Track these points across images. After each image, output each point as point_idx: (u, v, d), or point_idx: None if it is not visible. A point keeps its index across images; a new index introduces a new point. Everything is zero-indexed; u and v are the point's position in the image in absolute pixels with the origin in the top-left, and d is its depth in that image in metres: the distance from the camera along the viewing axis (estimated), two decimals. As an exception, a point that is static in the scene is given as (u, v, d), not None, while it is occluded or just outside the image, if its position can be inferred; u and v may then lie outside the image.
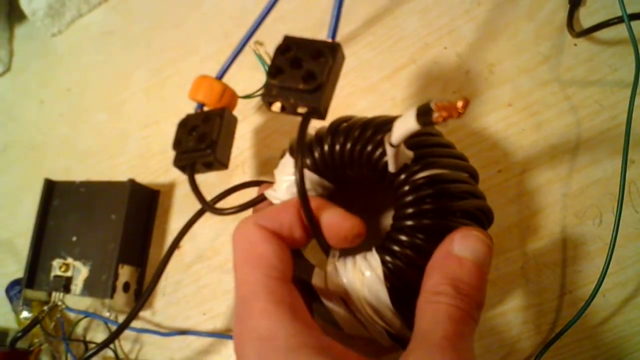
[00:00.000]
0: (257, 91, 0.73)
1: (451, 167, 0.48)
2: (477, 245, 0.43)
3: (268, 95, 0.46)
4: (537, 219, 0.57)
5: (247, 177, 0.72)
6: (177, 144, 0.58)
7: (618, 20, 0.55)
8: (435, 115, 0.34)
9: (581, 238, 0.55)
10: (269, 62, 0.72)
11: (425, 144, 0.49)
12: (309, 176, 0.53)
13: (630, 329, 0.51)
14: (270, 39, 0.75)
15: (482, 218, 0.49)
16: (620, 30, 0.58)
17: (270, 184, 0.56)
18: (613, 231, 0.50)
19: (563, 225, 0.56)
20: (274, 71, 0.47)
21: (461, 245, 0.42)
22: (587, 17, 0.62)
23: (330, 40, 0.46)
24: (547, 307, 0.54)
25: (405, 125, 0.38)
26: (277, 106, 0.47)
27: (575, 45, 0.61)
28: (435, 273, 0.42)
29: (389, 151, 0.44)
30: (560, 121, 0.59)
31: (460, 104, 0.33)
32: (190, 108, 0.60)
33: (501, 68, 0.63)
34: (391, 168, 0.47)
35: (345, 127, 0.52)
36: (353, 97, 0.69)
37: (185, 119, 0.59)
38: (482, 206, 0.49)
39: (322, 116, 0.45)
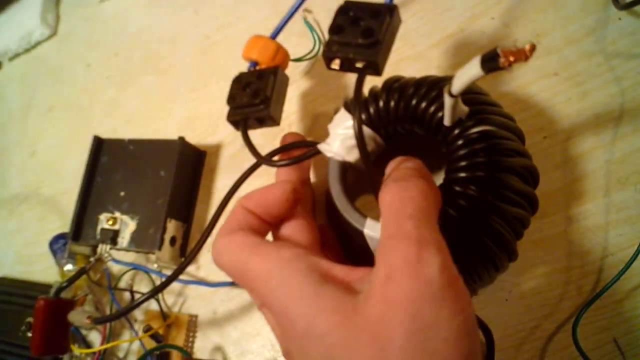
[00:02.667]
0: (306, 55, 0.74)
1: (502, 126, 0.50)
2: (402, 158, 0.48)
3: (329, 51, 0.47)
4: (580, 184, 0.57)
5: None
6: (231, 99, 0.59)
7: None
8: (502, 60, 0.35)
9: (623, 203, 0.56)
10: (317, 29, 0.73)
11: (479, 101, 0.50)
12: (364, 129, 0.54)
13: (669, 291, 0.52)
14: (317, 8, 0.76)
15: (527, 177, 0.50)
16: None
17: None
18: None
19: (606, 190, 0.56)
20: (334, 28, 0.48)
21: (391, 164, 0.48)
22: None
23: (388, 3, 0.48)
24: (589, 269, 0.55)
25: (469, 73, 0.39)
26: (336, 63, 0.48)
27: (620, 19, 0.62)
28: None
29: (447, 102, 0.45)
30: (605, 91, 0.60)
31: (528, 47, 0.34)
32: (237, 72, 0.61)
33: (548, 39, 0.64)
34: (447, 121, 0.48)
35: (399, 85, 0.54)
36: (401, 64, 0.70)
37: (239, 76, 0.60)
38: (530, 166, 0.50)
39: (378, 72, 0.46)
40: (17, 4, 1.13)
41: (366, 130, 0.55)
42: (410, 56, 0.71)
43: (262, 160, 0.57)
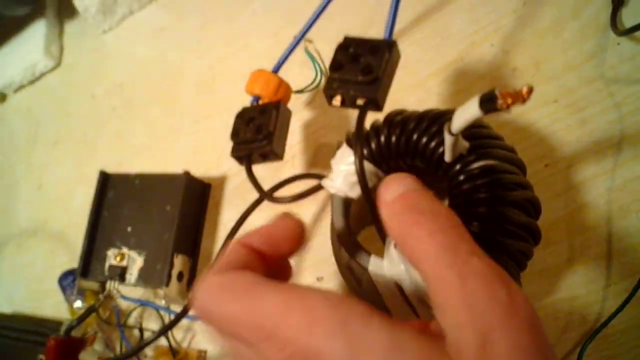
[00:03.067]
0: (308, 86, 0.74)
1: (503, 159, 0.50)
2: (402, 180, 0.40)
3: (330, 88, 0.48)
4: (583, 212, 0.58)
5: (297, 171, 0.73)
6: (235, 135, 0.59)
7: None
8: (500, 102, 0.35)
9: (626, 231, 0.56)
10: (318, 59, 0.73)
11: (479, 135, 0.51)
12: (366, 165, 0.55)
13: (674, 318, 0.52)
14: (318, 37, 0.77)
15: (530, 209, 0.50)
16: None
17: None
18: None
19: (608, 218, 0.57)
20: (335, 65, 0.48)
21: (388, 190, 0.40)
22: (629, 17, 0.63)
23: (387, 39, 0.48)
24: (593, 298, 0.55)
25: (467, 113, 0.39)
26: (337, 100, 0.48)
27: (619, 44, 0.62)
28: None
29: (448, 140, 0.45)
30: (605, 117, 0.60)
31: (525, 89, 0.35)
32: (240, 103, 0.62)
33: (547, 65, 0.64)
34: (447, 157, 0.48)
35: (401, 120, 0.54)
36: (401, 93, 0.71)
37: (242, 111, 0.61)
38: (532, 198, 0.50)
39: (379, 108, 0.47)
40: (21, 35, 1.13)
41: (368, 165, 0.55)
42: (411, 85, 0.71)
43: (265, 196, 0.58)
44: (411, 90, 0.71)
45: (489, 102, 0.36)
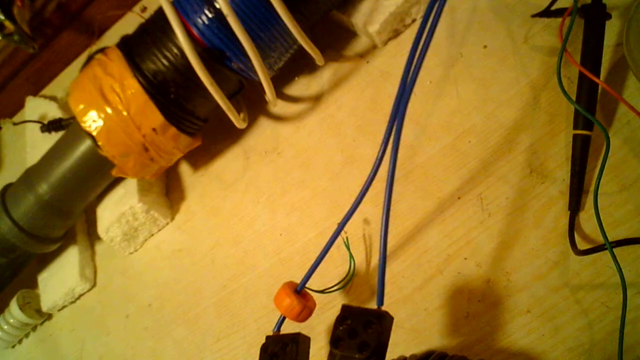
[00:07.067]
0: (331, 287, 0.76)
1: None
2: None
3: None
4: None
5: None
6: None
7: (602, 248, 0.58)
8: None
9: None
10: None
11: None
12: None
13: None
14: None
15: None
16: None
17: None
18: None
19: None
20: (335, 341, 0.50)
21: None
22: (586, 221, 0.65)
23: (378, 307, 0.52)
24: None
25: None
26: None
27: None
28: None
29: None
30: (574, 324, 0.61)
31: None
32: (255, 321, 0.63)
33: (517, 276, 0.66)
34: None
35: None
36: (391, 307, 0.71)
37: (265, 344, 0.60)
38: None
39: None
40: (58, 261, 1.15)
41: None
42: (400, 299, 0.73)
43: None
44: (400, 304, 0.73)
45: None
